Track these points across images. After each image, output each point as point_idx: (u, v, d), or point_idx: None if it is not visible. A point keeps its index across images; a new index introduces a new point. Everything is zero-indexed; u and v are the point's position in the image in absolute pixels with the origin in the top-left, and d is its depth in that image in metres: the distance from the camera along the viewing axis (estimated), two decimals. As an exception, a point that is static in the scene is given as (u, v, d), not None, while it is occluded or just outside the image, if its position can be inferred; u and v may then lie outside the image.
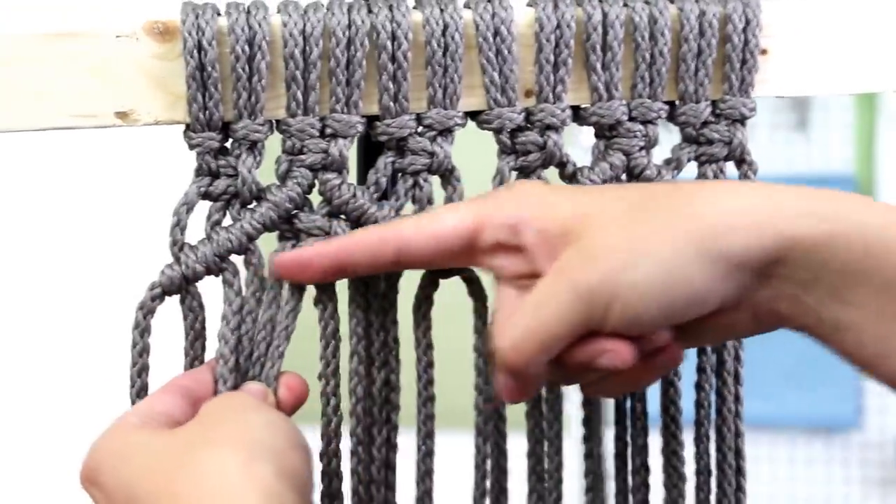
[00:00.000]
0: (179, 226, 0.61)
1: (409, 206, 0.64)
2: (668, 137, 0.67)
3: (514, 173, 0.64)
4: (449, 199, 0.64)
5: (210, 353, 0.62)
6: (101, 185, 1.77)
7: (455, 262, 0.60)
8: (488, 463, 0.65)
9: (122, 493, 0.54)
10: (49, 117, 0.60)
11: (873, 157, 2.14)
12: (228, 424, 0.55)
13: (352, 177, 0.63)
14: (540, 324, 0.55)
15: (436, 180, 0.64)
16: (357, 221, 0.62)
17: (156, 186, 1.44)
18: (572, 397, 0.68)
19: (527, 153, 0.64)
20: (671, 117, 0.65)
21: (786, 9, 0.65)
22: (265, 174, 0.62)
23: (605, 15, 0.63)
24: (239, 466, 0.52)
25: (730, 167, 0.67)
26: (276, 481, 0.52)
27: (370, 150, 0.64)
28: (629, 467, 0.68)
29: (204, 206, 0.62)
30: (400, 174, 0.63)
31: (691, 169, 0.67)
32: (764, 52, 0.65)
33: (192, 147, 0.61)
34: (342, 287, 0.62)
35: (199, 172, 0.62)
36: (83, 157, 1.71)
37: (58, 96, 0.60)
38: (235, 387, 0.60)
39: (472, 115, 0.64)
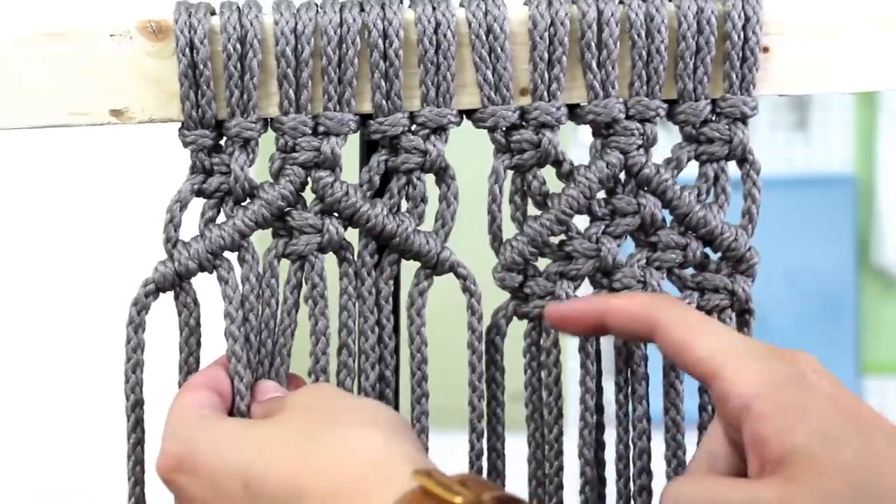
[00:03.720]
0: (173, 223, 0.62)
1: (403, 204, 0.64)
2: (670, 138, 0.66)
3: (510, 172, 0.64)
4: (443, 198, 0.64)
5: (205, 349, 0.62)
6: (96, 183, 1.79)
7: None
8: (483, 460, 0.65)
9: (233, 477, 0.54)
10: (44, 115, 0.61)
11: (873, 157, 2.10)
12: (349, 407, 0.57)
13: (354, 177, 0.64)
14: None
15: (430, 179, 0.64)
16: (350, 219, 0.62)
17: (151, 184, 1.45)
18: (573, 399, 0.67)
19: (522, 151, 0.63)
20: (670, 116, 0.65)
21: (788, 7, 0.64)
22: (260, 173, 0.63)
23: (599, 12, 0.62)
24: (385, 442, 0.54)
25: (731, 166, 0.66)
26: (418, 454, 0.54)
27: (372, 151, 0.64)
28: (631, 471, 0.67)
29: (199, 204, 0.63)
30: (393, 172, 0.63)
31: (693, 168, 0.66)
32: (766, 49, 0.64)
33: (186, 145, 0.62)
34: (333, 282, 0.63)
35: (193, 170, 0.62)
36: (78, 156, 1.73)
37: (52, 95, 0.60)
38: (251, 383, 0.61)
39: (468, 113, 0.64)
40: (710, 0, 0.63)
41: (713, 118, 0.65)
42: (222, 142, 0.62)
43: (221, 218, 0.62)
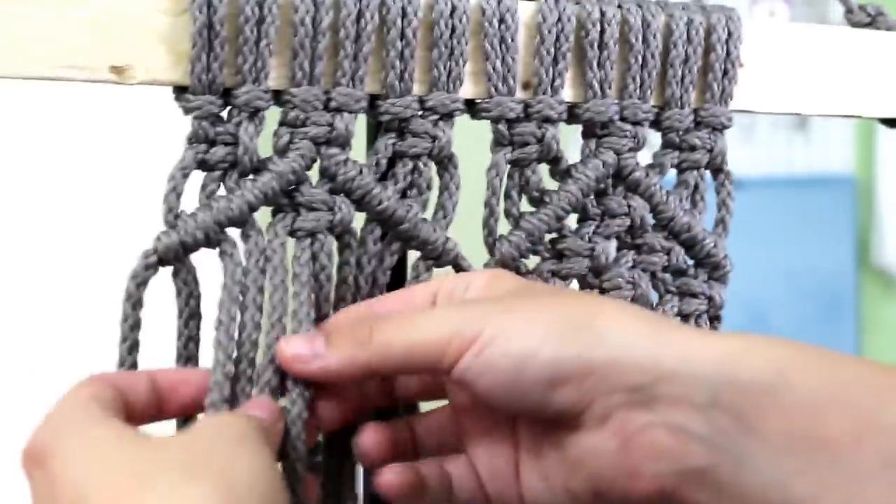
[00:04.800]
0: (175, 191, 0.57)
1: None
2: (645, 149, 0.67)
3: (508, 166, 0.63)
4: (445, 187, 0.62)
5: (205, 333, 0.57)
6: (83, 150, 1.58)
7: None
8: None
9: (70, 489, 0.47)
10: (40, 66, 0.55)
11: (873, 157, 2.16)
12: (217, 459, 0.48)
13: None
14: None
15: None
16: (360, 201, 0.59)
17: (136, 156, 1.29)
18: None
19: (524, 145, 0.63)
20: (655, 122, 0.66)
21: (764, 26, 0.68)
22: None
23: (602, 13, 0.63)
24: None
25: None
26: None
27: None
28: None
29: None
30: (399, 157, 0.61)
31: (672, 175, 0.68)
32: (742, 65, 0.67)
33: (188, 111, 0.57)
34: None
35: (193, 139, 0.57)
36: (65, 119, 1.53)
37: (51, 44, 0.55)
38: (230, 385, 0.54)
39: (468, 105, 0.62)
40: (697, 12, 0.65)
41: (694, 127, 0.66)
42: (224, 112, 0.58)
43: (221, 192, 0.58)
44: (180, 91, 0.57)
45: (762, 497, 0.50)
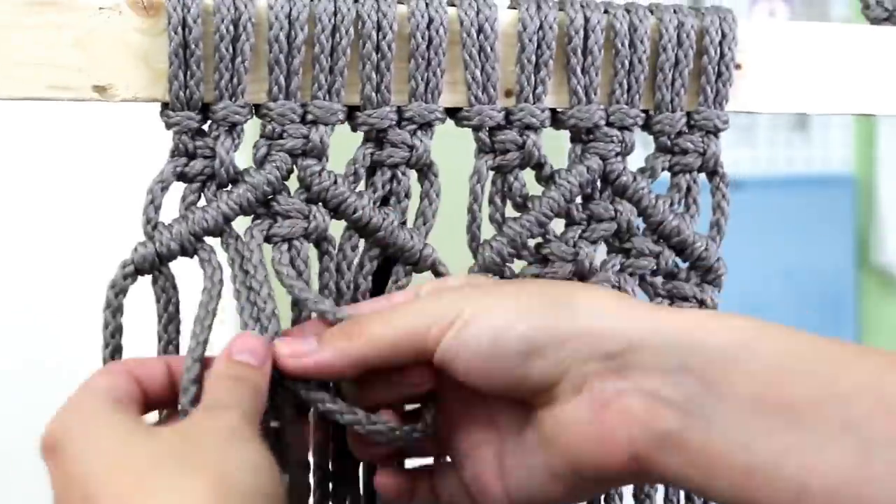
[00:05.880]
0: (153, 204, 0.60)
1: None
2: (641, 152, 0.67)
3: (491, 173, 0.64)
4: (425, 194, 0.64)
5: (185, 336, 0.60)
6: (68, 163, 1.67)
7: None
8: None
9: (79, 480, 0.50)
10: (24, 87, 0.58)
11: (873, 157, 2.12)
12: (211, 454, 0.51)
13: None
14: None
15: (413, 175, 0.63)
16: (336, 210, 0.61)
17: (124, 168, 1.37)
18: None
19: (505, 152, 0.64)
20: (646, 126, 0.66)
21: (761, 27, 0.67)
22: (241, 163, 0.61)
23: (586, 19, 0.63)
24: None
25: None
26: None
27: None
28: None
29: (175, 192, 0.61)
30: (378, 166, 0.63)
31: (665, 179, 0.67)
32: (738, 66, 0.66)
33: (169, 126, 0.60)
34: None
35: (174, 153, 0.60)
36: (55, 134, 1.62)
37: (35, 66, 0.58)
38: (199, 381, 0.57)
39: (451, 113, 0.64)
40: (689, 15, 0.65)
41: (687, 130, 0.66)
42: (206, 126, 0.61)
43: (202, 203, 0.61)
44: (164, 107, 0.60)
45: (728, 459, 0.52)
